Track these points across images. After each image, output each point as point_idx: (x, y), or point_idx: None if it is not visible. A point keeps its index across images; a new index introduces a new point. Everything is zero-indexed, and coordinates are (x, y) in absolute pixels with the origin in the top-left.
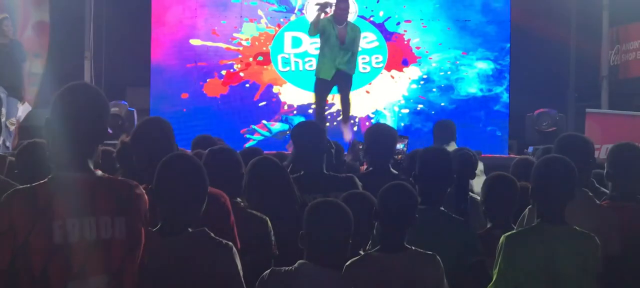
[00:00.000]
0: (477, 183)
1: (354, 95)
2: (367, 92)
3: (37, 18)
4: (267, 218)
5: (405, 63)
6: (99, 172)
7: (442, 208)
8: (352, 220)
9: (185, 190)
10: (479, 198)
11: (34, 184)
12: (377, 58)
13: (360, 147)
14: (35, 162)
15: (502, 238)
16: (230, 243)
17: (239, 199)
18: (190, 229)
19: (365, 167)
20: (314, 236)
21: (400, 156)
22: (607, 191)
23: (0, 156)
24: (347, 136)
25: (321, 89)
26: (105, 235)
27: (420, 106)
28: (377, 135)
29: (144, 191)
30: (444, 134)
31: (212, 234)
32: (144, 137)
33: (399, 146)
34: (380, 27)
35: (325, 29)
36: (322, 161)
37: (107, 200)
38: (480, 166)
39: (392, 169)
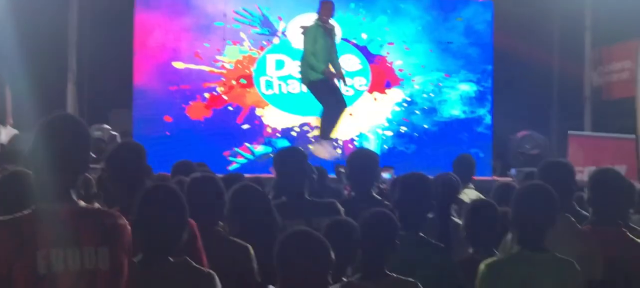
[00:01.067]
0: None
1: None
2: (350, 114)
3: None
4: (249, 246)
5: (388, 85)
6: (82, 203)
7: (422, 234)
8: (328, 253)
9: (166, 220)
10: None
11: (17, 215)
12: (360, 80)
13: (342, 170)
14: (18, 192)
15: (481, 266)
16: (212, 271)
17: (221, 223)
18: (171, 259)
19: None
20: (288, 268)
21: (385, 185)
22: (588, 214)
23: None
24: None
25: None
26: (89, 265)
27: (403, 128)
28: (359, 160)
29: (127, 222)
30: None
31: (194, 263)
32: (115, 163)
33: (385, 175)
34: (363, 50)
35: (315, 33)
36: (304, 187)
37: (91, 231)
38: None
39: (374, 195)
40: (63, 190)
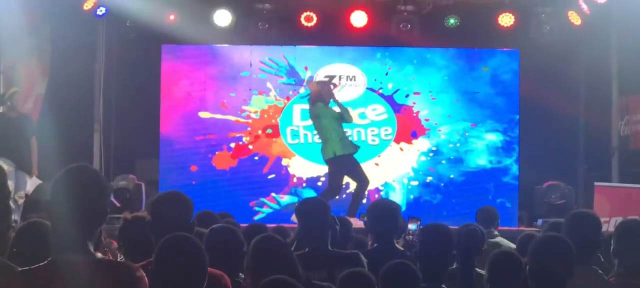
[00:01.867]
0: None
1: (363, 167)
2: (376, 164)
3: (39, 91)
4: None
5: (414, 135)
6: (99, 255)
7: (444, 286)
8: None
9: (185, 272)
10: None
11: (33, 267)
12: (386, 130)
13: (365, 218)
14: (36, 242)
15: None
16: None
17: (241, 274)
18: None
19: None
20: None
21: (411, 236)
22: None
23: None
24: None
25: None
26: None
27: (429, 178)
28: (379, 211)
29: (144, 274)
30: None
31: None
32: (162, 212)
33: (412, 227)
34: (389, 100)
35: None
36: (327, 238)
37: (107, 283)
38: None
39: (397, 245)
40: (80, 241)
